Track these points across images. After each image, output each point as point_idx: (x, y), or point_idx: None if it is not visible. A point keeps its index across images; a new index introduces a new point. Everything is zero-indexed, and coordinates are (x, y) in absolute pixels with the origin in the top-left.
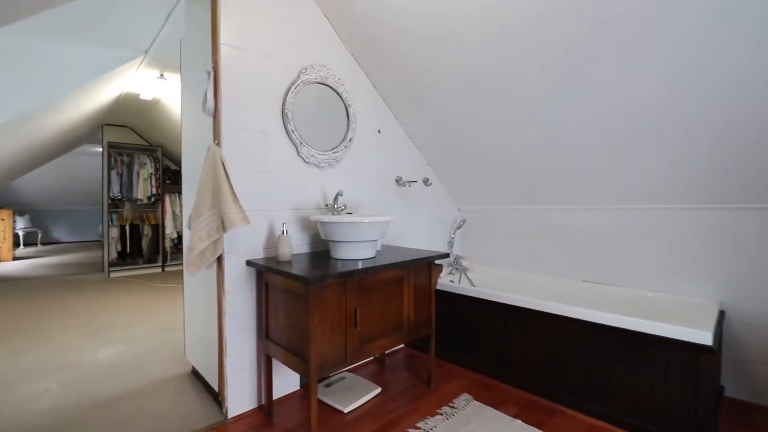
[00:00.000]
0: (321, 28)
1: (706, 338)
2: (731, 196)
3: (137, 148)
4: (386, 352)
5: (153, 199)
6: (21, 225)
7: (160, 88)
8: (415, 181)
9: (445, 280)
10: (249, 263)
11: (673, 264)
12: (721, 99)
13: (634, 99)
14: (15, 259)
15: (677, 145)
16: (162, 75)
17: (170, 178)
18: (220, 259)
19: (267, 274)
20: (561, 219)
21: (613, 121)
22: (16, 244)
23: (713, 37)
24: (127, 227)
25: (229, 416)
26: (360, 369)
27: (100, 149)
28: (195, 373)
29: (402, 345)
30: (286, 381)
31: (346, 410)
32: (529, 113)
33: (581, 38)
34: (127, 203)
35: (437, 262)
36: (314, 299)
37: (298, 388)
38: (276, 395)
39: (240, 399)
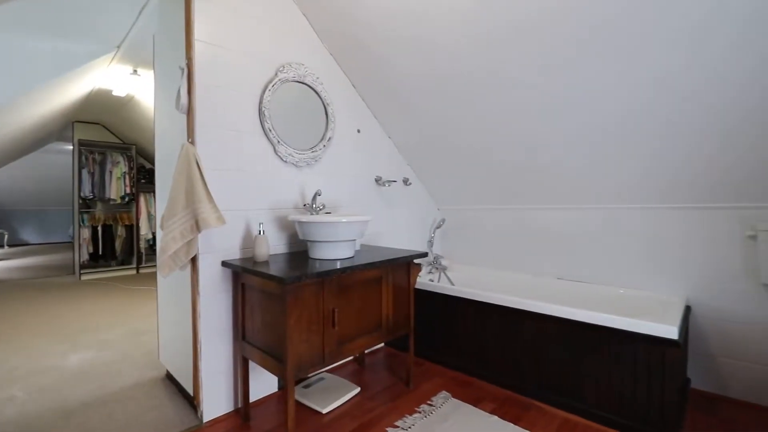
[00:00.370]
0: (299, 25)
1: (672, 332)
2: (700, 197)
3: (110, 146)
4: (366, 351)
5: (127, 199)
6: None
7: (134, 84)
8: (395, 181)
9: (425, 279)
10: (225, 264)
11: (643, 261)
12: (696, 105)
13: (614, 103)
14: None
15: (654, 147)
16: (135, 71)
17: (145, 178)
18: (194, 260)
19: (243, 274)
20: (538, 218)
21: (594, 124)
22: None
23: (691, 44)
24: (100, 228)
25: (205, 420)
26: (339, 369)
27: (71, 147)
28: (169, 377)
29: (382, 344)
30: (264, 383)
31: (324, 411)
32: (510, 116)
33: (564, 43)
34: (100, 203)
35: (416, 261)
36: (291, 300)
37: (276, 390)
38: (253, 398)
39: (216, 402)
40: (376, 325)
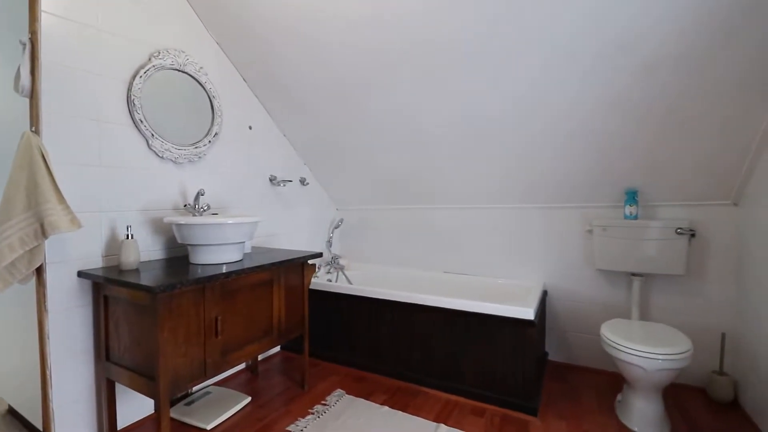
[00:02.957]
0: (179, 8)
1: (529, 314)
2: (553, 198)
3: None
4: (259, 358)
5: None
6: None
7: None
8: (291, 181)
9: (323, 280)
10: (82, 274)
11: (513, 254)
12: (557, 121)
13: (485, 115)
14: None
15: (520, 155)
16: None
17: None
18: (39, 271)
19: (106, 285)
20: (427, 217)
21: (467, 132)
22: None
23: (552, 70)
24: None
25: None
26: (229, 380)
27: None
28: (12, 413)
29: (278, 349)
30: (137, 405)
31: (208, 427)
32: (397, 121)
33: (442, 61)
34: None
35: (311, 261)
36: (163, 310)
37: (153, 411)
38: (124, 423)
39: None
40: (266, 330)
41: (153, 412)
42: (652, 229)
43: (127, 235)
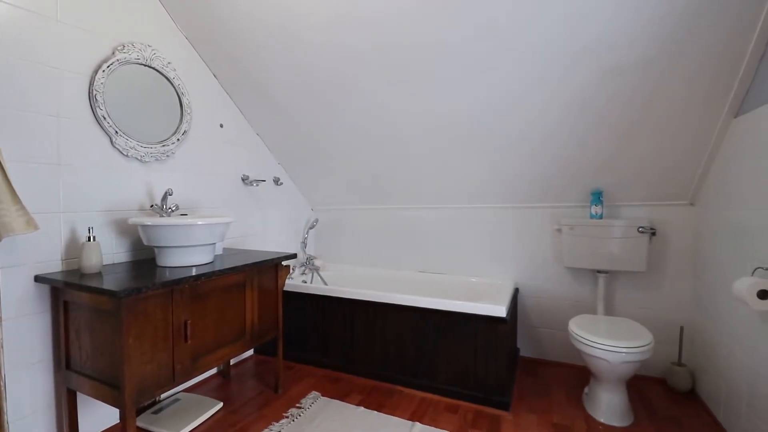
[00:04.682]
0: (145, 1)
1: (501, 311)
2: (526, 198)
3: None
4: (232, 362)
5: None
6: None
7: None
8: (264, 181)
9: (298, 281)
10: (39, 279)
11: (487, 252)
12: (530, 124)
13: (460, 117)
14: None
15: (494, 157)
16: None
17: None
18: None
19: (66, 290)
20: (404, 217)
21: (442, 134)
22: None
23: (526, 75)
24: None
25: None
26: (200, 386)
27: None
28: None
29: (251, 352)
30: (102, 416)
31: None
32: (373, 121)
33: (420, 61)
34: None
35: (285, 263)
36: (128, 315)
37: (118, 421)
38: None
39: None
40: (239, 333)
41: (118, 421)
42: (616, 228)
43: (89, 237)
